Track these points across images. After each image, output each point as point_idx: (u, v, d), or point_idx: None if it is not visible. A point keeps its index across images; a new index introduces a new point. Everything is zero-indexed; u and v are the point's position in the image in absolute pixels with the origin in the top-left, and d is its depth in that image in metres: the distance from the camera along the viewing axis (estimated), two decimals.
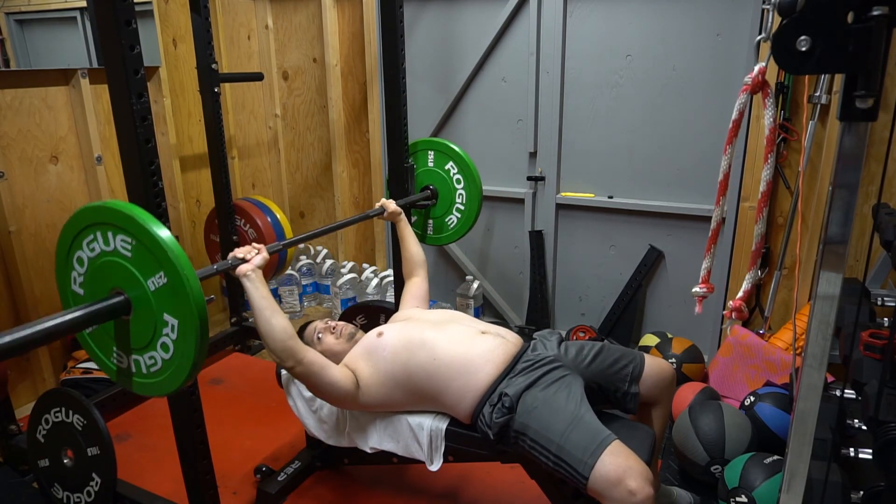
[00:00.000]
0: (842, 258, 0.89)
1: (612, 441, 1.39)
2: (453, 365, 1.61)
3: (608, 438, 1.39)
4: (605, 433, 1.41)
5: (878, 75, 0.79)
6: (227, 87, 3.52)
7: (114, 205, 1.19)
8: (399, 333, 1.70)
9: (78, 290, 1.31)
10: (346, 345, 1.78)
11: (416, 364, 1.63)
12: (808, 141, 2.27)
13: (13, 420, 2.15)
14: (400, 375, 1.64)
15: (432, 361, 1.62)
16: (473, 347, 1.65)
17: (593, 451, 1.37)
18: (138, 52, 1.37)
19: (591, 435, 1.41)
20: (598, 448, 1.37)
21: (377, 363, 1.66)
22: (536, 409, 1.51)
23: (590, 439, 1.40)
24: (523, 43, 2.83)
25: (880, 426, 1.13)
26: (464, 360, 1.62)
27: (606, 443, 1.38)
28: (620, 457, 1.35)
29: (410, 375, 1.64)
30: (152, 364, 1.25)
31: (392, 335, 1.70)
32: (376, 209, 2.15)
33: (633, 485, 1.30)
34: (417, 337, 1.67)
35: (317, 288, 3.61)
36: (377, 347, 1.68)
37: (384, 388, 1.66)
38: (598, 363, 1.69)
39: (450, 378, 1.61)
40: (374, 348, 1.68)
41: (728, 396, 2.34)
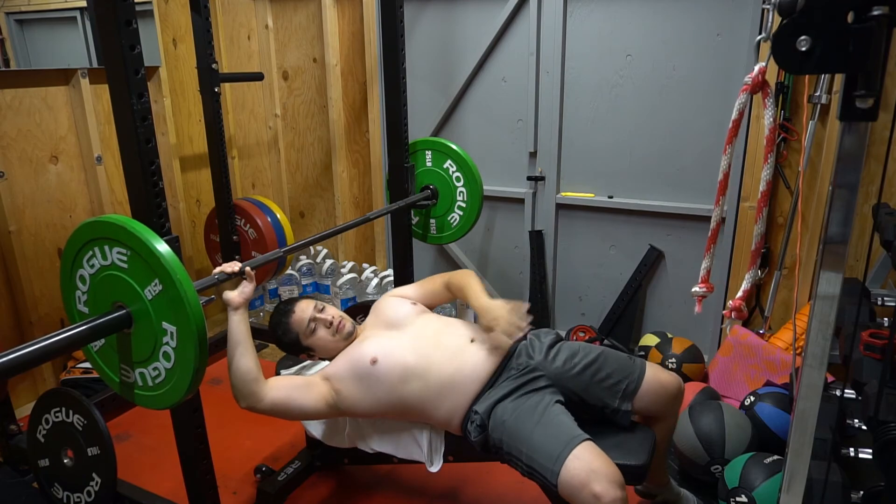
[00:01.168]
0: (842, 258, 0.89)
1: (577, 444, 1.35)
2: (443, 390, 1.59)
3: (573, 441, 1.36)
4: (572, 436, 1.38)
5: (878, 75, 0.79)
6: (227, 87, 3.52)
7: (107, 218, 1.20)
8: (394, 362, 1.60)
9: (83, 308, 1.32)
10: (343, 343, 1.70)
11: (409, 393, 1.60)
12: (808, 141, 2.27)
13: (13, 420, 2.15)
14: (393, 401, 1.61)
15: (425, 389, 1.59)
16: (463, 367, 1.60)
17: (557, 456, 1.35)
18: (138, 52, 1.37)
19: (556, 440, 1.39)
20: (564, 452, 1.35)
21: (368, 389, 1.60)
22: (505, 421, 1.50)
23: (555, 444, 1.38)
24: (523, 43, 2.83)
25: (880, 426, 1.13)
26: (452, 381, 1.59)
27: (571, 446, 1.35)
28: (584, 460, 1.32)
29: (404, 402, 1.61)
30: (156, 375, 1.26)
31: (387, 365, 1.60)
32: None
33: (597, 488, 1.27)
34: (411, 363, 1.60)
35: (317, 288, 3.61)
36: (370, 376, 1.60)
37: (373, 409, 1.63)
38: (589, 374, 1.60)
39: (440, 401, 1.60)
40: (365, 375, 1.60)
41: (728, 396, 2.34)
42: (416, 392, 1.59)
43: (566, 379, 1.60)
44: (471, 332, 1.69)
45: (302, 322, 1.68)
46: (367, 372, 1.60)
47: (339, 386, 1.61)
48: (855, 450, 1.26)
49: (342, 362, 1.65)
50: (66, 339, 1.17)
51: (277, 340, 1.74)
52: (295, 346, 1.73)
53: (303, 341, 1.70)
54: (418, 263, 3.13)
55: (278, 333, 1.72)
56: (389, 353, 1.61)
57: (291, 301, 1.75)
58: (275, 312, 1.75)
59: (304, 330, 1.68)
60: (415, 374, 1.59)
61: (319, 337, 1.69)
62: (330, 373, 1.64)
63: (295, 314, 1.70)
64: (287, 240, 2.95)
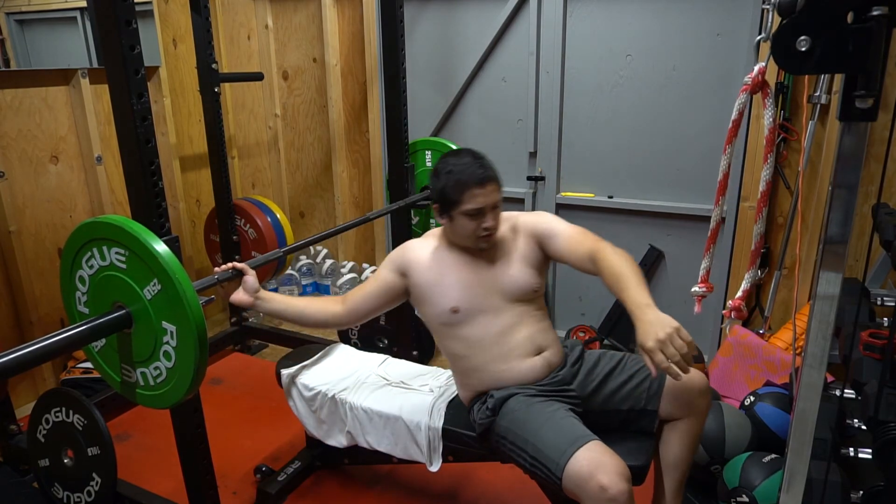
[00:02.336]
0: (841, 258, 0.89)
1: (586, 441, 1.34)
2: (486, 375, 1.59)
3: (582, 438, 1.35)
4: (582, 433, 1.37)
5: (878, 75, 0.79)
6: (227, 87, 3.52)
7: (105, 219, 1.21)
8: (469, 332, 1.58)
9: (83, 309, 1.32)
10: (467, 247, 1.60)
11: (461, 353, 1.61)
12: (807, 141, 2.27)
13: (13, 420, 2.15)
14: (444, 342, 1.64)
15: (474, 363, 1.60)
16: (518, 368, 1.57)
17: (566, 449, 1.33)
18: (138, 52, 1.37)
19: (565, 436, 1.38)
20: (572, 447, 1.33)
21: (436, 327, 1.64)
22: (516, 411, 1.50)
23: (563, 440, 1.37)
24: (523, 43, 2.83)
25: (880, 426, 1.13)
26: (498, 373, 1.57)
27: (581, 442, 1.34)
28: (593, 454, 1.31)
29: (451, 351, 1.64)
30: (158, 375, 1.26)
31: (461, 328, 1.58)
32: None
33: (604, 480, 1.25)
34: (482, 341, 1.58)
35: (317, 288, 3.61)
36: (448, 322, 1.59)
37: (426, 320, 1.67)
38: (612, 382, 1.59)
39: (476, 378, 1.61)
40: (444, 320, 1.59)
41: (728, 396, 2.34)
42: (466, 357, 1.60)
43: (589, 391, 1.60)
44: (539, 340, 1.61)
45: (474, 199, 1.49)
46: (444, 316, 1.59)
47: (414, 291, 1.63)
48: (855, 450, 1.26)
49: (431, 277, 1.59)
50: (66, 339, 1.18)
51: (435, 173, 1.57)
52: (440, 198, 1.55)
53: (451, 209, 1.53)
54: None
55: (442, 177, 1.53)
56: (473, 319, 1.57)
57: (486, 172, 1.51)
58: (464, 157, 1.54)
59: (466, 205, 1.50)
60: (477, 349, 1.58)
61: (464, 226, 1.54)
62: (414, 282, 1.61)
63: (478, 190, 1.49)
64: (287, 240, 2.95)
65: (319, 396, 1.88)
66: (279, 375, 1.99)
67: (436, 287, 1.59)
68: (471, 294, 1.57)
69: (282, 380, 1.98)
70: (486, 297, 1.58)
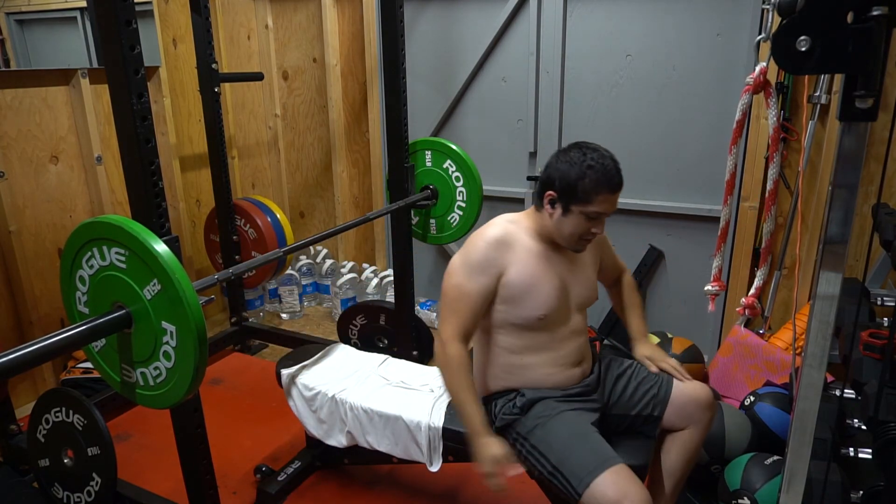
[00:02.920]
0: (841, 258, 0.89)
1: (613, 464, 1.33)
2: (537, 376, 1.53)
3: (610, 461, 1.34)
4: (611, 455, 1.36)
5: (878, 75, 0.79)
6: (227, 87, 3.52)
7: (105, 219, 1.20)
8: (539, 334, 1.51)
9: (83, 309, 1.32)
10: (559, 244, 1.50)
11: (519, 358, 1.52)
12: (807, 141, 2.27)
13: (13, 420, 2.15)
14: (505, 341, 1.52)
15: (531, 366, 1.52)
16: (561, 375, 1.54)
17: (593, 469, 1.32)
18: (138, 52, 1.37)
19: (595, 455, 1.36)
20: (600, 467, 1.32)
21: (499, 321, 1.49)
22: (545, 417, 1.48)
23: (591, 458, 1.35)
24: (523, 43, 2.83)
25: (880, 426, 1.13)
26: (546, 376, 1.53)
27: (608, 465, 1.32)
28: (619, 481, 1.30)
29: (505, 349, 1.52)
30: (157, 375, 1.26)
31: (541, 335, 1.51)
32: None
33: None
34: (548, 346, 1.52)
35: (317, 288, 3.61)
36: (523, 325, 1.49)
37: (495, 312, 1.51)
38: (621, 385, 1.60)
39: (520, 376, 1.53)
40: (521, 322, 1.48)
41: (728, 396, 2.34)
42: (517, 355, 1.51)
43: (606, 396, 1.60)
44: (585, 353, 1.60)
45: (603, 203, 1.41)
46: (527, 321, 1.47)
47: (503, 292, 1.46)
48: (855, 450, 1.26)
49: (526, 280, 1.45)
50: (66, 339, 1.18)
51: (569, 162, 1.43)
52: (566, 188, 1.42)
53: (572, 203, 1.42)
54: (418, 263, 3.13)
55: (578, 168, 1.41)
56: (546, 326, 1.49)
57: (622, 179, 1.43)
58: (606, 157, 1.44)
59: (593, 206, 1.40)
60: (534, 351, 1.52)
61: (577, 225, 1.43)
62: (506, 282, 1.45)
63: (611, 196, 1.42)
64: (287, 240, 2.95)
65: (319, 396, 1.88)
66: (279, 375, 1.99)
67: (530, 291, 1.46)
68: (557, 302, 1.49)
69: (282, 380, 1.98)
70: (566, 305, 1.53)
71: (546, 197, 1.46)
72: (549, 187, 1.45)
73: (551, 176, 1.45)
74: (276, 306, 3.51)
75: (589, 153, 1.42)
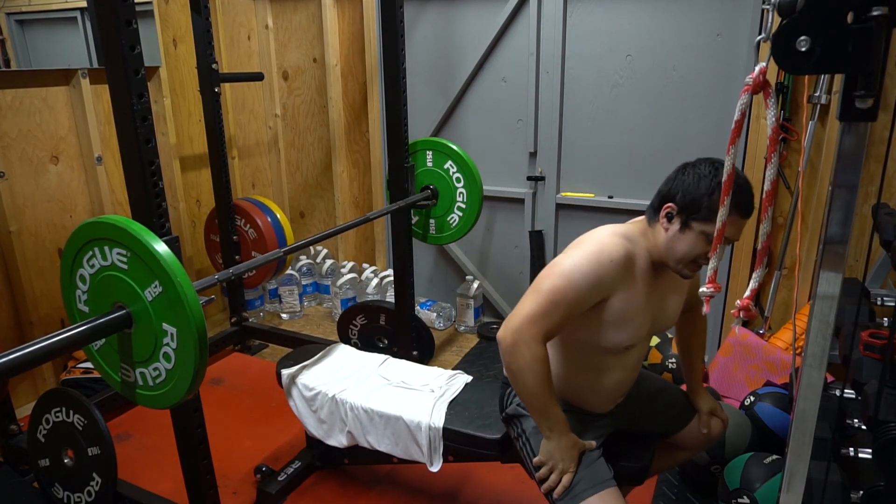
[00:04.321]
0: (842, 258, 0.89)
1: (604, 488, 1.33)
2: (569, 394, 1.48)
3: (602, 485, 1.34)
4: (606, 477, 1.36)
5: (878, 75, 0.79)
6: (227, 87, 3.52)
7: (107, 219, 1.20)
8: (604, 358, 1.44)
9: (83, 307, 1.32)
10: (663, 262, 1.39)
11: (567, 371, 1.47)
12: (808, 141, 2.27)
13: (13, 420, 2.15)
14: (565, 354, 1.45)
15: (573, 382, 1.47)
16: (592, 404, 1.50)
17: (585, 489, 1.32)
18: (138, 52, 1.37)
19: (589, 474, 1.36)
20: (592, 489, 1.32)
21: (570, 341, 1.43)
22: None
23: (586, 477, 1.35)
24: (523, 43, 2.83)
25: (880, 426, 1.13)
26: (571, 398, 1.49)
27: (599, 488, 1.32)
28: (609, 503, 1.31)
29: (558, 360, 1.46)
30: (157, 375, 1.26)
31: (622, 359, 1.44)
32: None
33: None
34: (604, 373, 1.46)
35: (317, 288, 3.61)
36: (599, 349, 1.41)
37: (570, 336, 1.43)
38: (648, 407, 1.59)
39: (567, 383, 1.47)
40: (601, 347, 1.40)
41: (728, 396, 2.34)
42: (566, 368, 1.46)
43: (625, 409, 1.57)
44: (629, 389, 1.56)
45: (731, 227, 1.24)
46: (610, 346, 1.39)
47: (602, 315, 1.35)
48: (855, 450, 1.26)
49: (632, 306, 1.35)
50: (66, 339, 1.18)
51: (699, 177, 1.30)
52: (693, 204, 1.29)
53: (695, 220, 1.29)
54: (418, 263, 3.14)
55: (713, 184, 1.27)
56: (619, 353, 1.43)
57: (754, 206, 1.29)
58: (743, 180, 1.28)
59: (704, 224, 1.28)
60: (586, 372, 1.46)
61: (694, 245, 1.30)
62: (610, 305, 1.34)
63: (741, 221, 1.28)
64: (287, 240, 2.95)
65: (320, 396, 1.88)
66: (279, 375, 1.99)
67: (630, 320, 1.36)
68: (644, 334, 1.42)
69: (282, 380, 1.98)
70: (648, 333, 1.45)
71: (664, 209, 1.34)
72: (670, 199, 1.33)
73: (674, 188, 1.33)
74: (276, 306, 3.51)
75: (721, 169, 1.24)
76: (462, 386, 1.85)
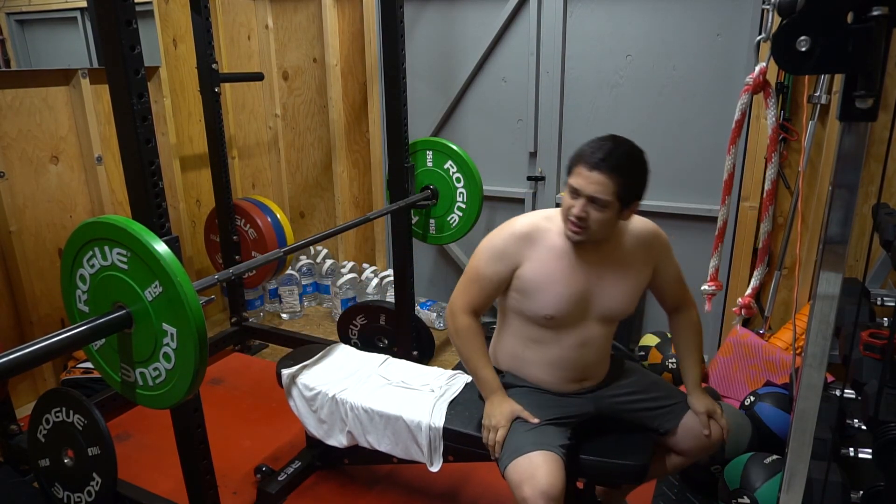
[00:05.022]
0: (842, 258, 0.89)
1: (535, 449, 1.38)
2: (528, 372, 1.57)
3: (535, 446, 1.39)
4: (538, 442, 1.40)
5: (878, 75, 0.79)
6: (227, 87, 3.52)
7: (107, 219, 1.20)
8: (544, 332, 1.52)
9: (83, 307, 1.32)
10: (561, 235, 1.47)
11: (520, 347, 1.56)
12: (808, 141, 2.27)
13: (13, 420, 2.15)
14: (516, 326, 1.55)
15: (528, 360, 1.56)
16: (550, 384, 1.56)
17: (511, 452, 1.41)
18: (138, 52, 1.37)
19: (522, 439, 1.43)
20: (517, 452, 1.39)
21: (515, 308, 1.52)
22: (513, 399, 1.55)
23: (518, 442, 1.42)
24: (523, 43, 2.83)
25: (880, 426, 1.13)
26: (529, 377, 1.57)
27: (528, 449, 1.39)
28: (531, 464, 1.36)
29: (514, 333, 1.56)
30: (157, 375, 1.26)
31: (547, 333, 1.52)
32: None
33: (527, 492, 1.31)
34: (550, 349, 1.53)
35: (317, 288, 3.61)
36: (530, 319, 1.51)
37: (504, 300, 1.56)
38: (633, 402, 1.58)
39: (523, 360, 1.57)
40: (529, 316, 1.51)
41: (728, 396, 2.34)
42: (519, 344, 1.56)
43: (607, 400, 1.59)
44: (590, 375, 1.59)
45: (576, 177, 1.38)
46: (534, 317, 1.49)
47: (516, 283, 1.48)
48: (855, 450, 1.26)
49: (540, 277, 1.45)
50: (66, 339, 1.18)
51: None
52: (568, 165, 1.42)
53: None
54: (418, 263, 3.14)
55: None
56: (552, 328, 1.50)
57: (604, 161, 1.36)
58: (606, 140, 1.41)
59: (570, 179, 1.41)
60: (536, 349, 1.53)
61: (564, 201, 1.41)
62: (521, 274, 1.47)
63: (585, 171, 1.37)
64: (287, 240, 2.95)
65: (320, 396, 1.88)
66: (279, 375, 1.99)
67: (541, 290, 1.46)
68: (570, 307, 1.47)
69: (282, 380, 1.98)
70: (581, 312, 1.49)
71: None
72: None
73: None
74: (276, 306, 3.52)
75: (608, 141, 1.40)
76: (462, 386, 1.85)
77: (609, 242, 1.47)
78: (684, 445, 1.57)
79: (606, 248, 1.47)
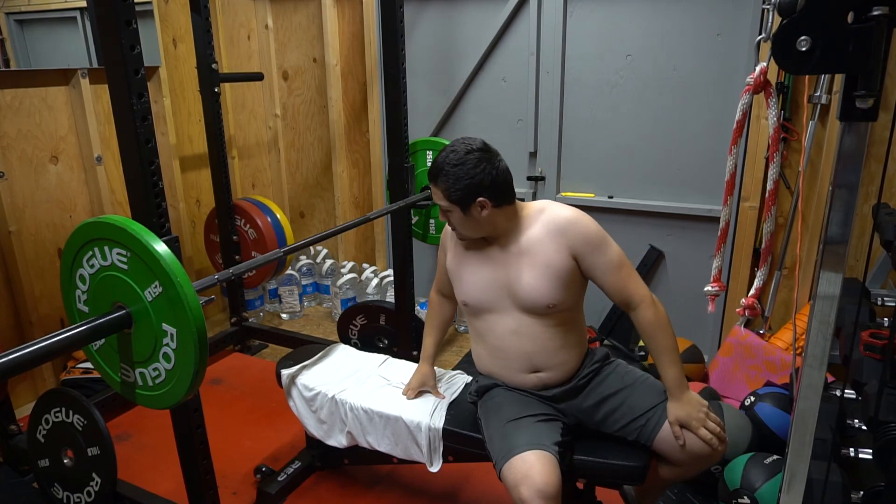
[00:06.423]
0: (842, 258, 0.89)
1: (529, 448, 1.38)
2: (490, 367, 1.64)
3: (529, 446, 1.39)
4: (531, 442, 1.41)
5: (878, 75, 0.79)
6: (227, 87, 3.52)
7: (107, 219, 1.20)
8: (478, 321, 1.62)
9: (83, 307, 1.32)
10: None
11: (476, 342, 1.67)
12: (808, 141, 2.27)
13: (13, 420, 2.15)
14: (469, 323, 1.68)
15: (484, 353, 1.65)
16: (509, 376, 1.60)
17: (506, 453, 1.41)
18: (138, 52, 1.37)
19: (516, 438, 1.43)
20: (512, 452, 1.40)
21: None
22: (494, 399, 1.59)
23: (512, 442, 1.43)
24: (523, 43, 2.83)
25: (880, 426, 1.13)
26: (493, 372, 1.64)
27: (523, 449, 1.39)
28: (526, 464, 1.35)
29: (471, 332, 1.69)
30: (157, 376, 1.26)
31: (475, 321, 1.65)
32: None
33: (524, 493, 1.32)
34: (489, 336, 1.61)
35: (317, 288, 3.61)
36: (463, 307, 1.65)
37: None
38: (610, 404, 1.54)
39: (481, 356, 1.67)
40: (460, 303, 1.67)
41: (728, 396, 2.34)
42: (475, 338, 1.67)
43: (588, 406, 1.57)
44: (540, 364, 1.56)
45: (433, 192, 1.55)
46: (460, 300, 1.64)
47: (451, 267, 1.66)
48: (855, 450, 1.26)
49: (453, 267, 1.64)
50: (66, 339, 1.17)
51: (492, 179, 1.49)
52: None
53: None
54: (418, 263, 3.13)
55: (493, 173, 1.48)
56: (479, 315, 1.61)
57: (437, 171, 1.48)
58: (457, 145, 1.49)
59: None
60: (482, 339, 1.64)
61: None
62: (446, 263, 1.69)
63: (432, 185, 1.52)
64: (287, 240, 2.95)
65: (320, 396, 1.88)
66: (279, 375, 1.99)
67: (456, 277, 1.63)
68: (480, 292, 1.57)
69: (282, 380, 1.98)
70: (497, 298, 1.54)
71: None
72: None
73: None
74: (276, 306, 3.52)
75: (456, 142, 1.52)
76: (462, 386, 1.85)
77: (512, 233, 1.53)
78: (673, 457, 1.48)
79: (510, 239, 1.53)
